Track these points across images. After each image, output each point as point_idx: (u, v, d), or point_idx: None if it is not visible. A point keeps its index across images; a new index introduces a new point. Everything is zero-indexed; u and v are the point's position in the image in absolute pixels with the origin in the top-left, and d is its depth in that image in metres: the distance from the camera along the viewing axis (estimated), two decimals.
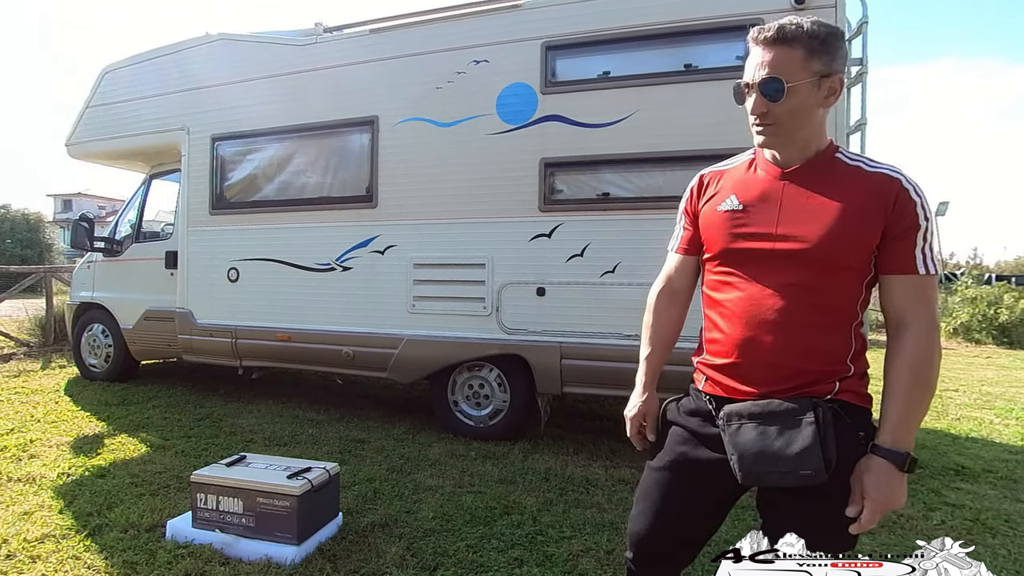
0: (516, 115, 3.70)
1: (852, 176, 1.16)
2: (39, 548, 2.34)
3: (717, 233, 1.25)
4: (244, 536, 2.32)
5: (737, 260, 1.22)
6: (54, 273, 8.24)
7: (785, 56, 1.12)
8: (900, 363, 1.15)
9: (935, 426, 4.49)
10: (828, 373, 1.16)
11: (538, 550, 2.36)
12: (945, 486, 3.20)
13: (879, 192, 1.12)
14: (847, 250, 1.13)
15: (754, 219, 1.20)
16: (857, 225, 1.12)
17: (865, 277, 1.17)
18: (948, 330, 10.50)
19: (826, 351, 1.16)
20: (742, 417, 1.15)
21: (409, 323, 3.97)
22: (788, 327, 1.14)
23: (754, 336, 1.17)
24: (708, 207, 1.29)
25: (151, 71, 4.96)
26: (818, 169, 1.19)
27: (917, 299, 1.13)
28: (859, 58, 3.40)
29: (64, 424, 4.09)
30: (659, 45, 3.50)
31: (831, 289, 1.15)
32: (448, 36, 3.88)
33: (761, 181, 1.23)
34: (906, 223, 1.11)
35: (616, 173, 3.54)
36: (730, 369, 1.20)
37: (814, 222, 1.14)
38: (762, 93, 1.14)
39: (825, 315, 1.15)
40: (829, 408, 1.12)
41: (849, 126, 3.42)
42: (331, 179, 4.33)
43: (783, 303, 1.15)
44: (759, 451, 1.11)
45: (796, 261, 1.15)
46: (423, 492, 2.96)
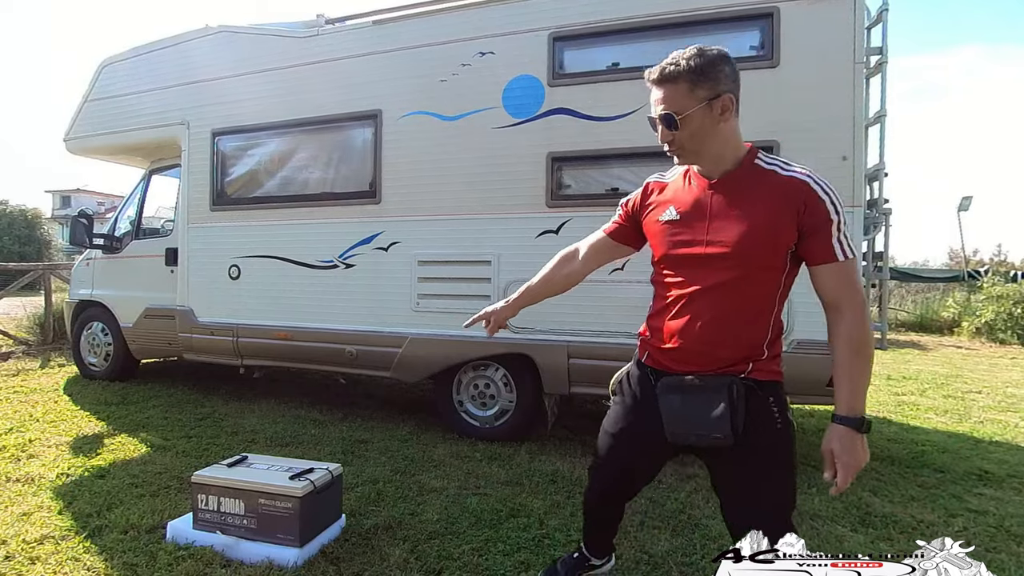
0: (523, 108, 3.70)
1: (768, 181, 1.40)
2: (38, 549, 2.37)
3: (659, 241, 1.54)
4: (245, 538, 2.34)
5: (675, 263, 1.49)
6: (53, 270, 8.34)
7: (672, 92, 1.39)
8: (842, 344, 1.37)
9: (957, 429, 4.45)
10: (746, 357, 1.43)
11: (545, 554, 2.37)
12: (967, 491, 3.18)
13: (790, 195, 1.36)
14: (764, 253, 1.38)
15: (688, 228, 1.46)
16: (771, 230, 1.37)
17: (783, 273, 1.42)
18: (971, 329, 10.40)
19: (748, 339, 1.44)
20: (673, 389, 1.47)
21: (413, 321, 3.99)
22: (717, 320, 1.42)
23: (689, 327, 1.45)
24: (650, 216, 1.57)
25: (150, 64, 4.99)
26: (739, 177, 1.44)
27: (845, 283, 1.36)
28: (879, 47, 3.37)
29: (63, 424, 4.14)
30: (670, 35, 3.48)
31: (753, 286, 1.41)
32: (453, 27, 3.89)
33: (694, 192, 1.49)
34: (819, 219, 1.35)
35: (626, 167, 3.53)
36: (668, 352, 1.50)
37: (736, 229, 1.38)
38: (663, 123, 1.42)
39: (749, 309, 1.42)
40: (743, 384, 1.41)
41: (868, 118, 3.40)
42: (334, 174, 4.35)
43: (713, 299, 1.42)
44: (683, 416, 1.44)
45: (723, 264, 1.40)
46: (427, 494, 2.97)
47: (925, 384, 6.16)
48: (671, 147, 1.46)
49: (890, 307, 11.61)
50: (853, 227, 3.15)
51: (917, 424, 4.60)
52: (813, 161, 3.15)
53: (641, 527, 2.62)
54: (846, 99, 3.13)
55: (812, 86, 3.19)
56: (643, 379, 1.59)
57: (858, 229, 3.16)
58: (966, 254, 13.72)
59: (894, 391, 5.80)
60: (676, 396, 1.46)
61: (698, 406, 1.42)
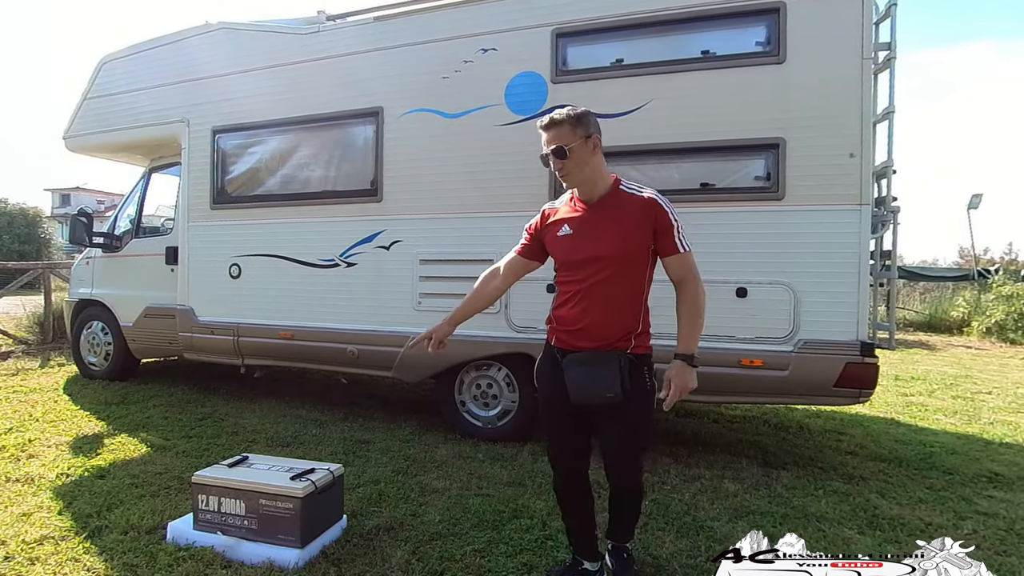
0: (525, 105, 3.70)
1: (630, 201, 1.94)
2: (38, 550, 2.38)
3: (559, 251, 2.02)
4: (246, 539, 2.35)
5: (572, 267, 1.98)
6: (52, 269, 8.37)
7: (559, 133, 1.90)
8: (688, 308, 1.93)
9: (966, 431, 4.44)
10: (628, 334, 1.93)
11: (548, 555, 2.37)
12: (977, 494, 3.17)
13: (645, 210, 1.91)
14: (634, 252, 1.92)
15: (579, 239, 1.96)
16: (636, 236, 1.91)
17: (648, 267, 1.96)
18: (981, 329, 10.36)
19: (628, 319, 1.94)
20: (576, 363, 1.94)
21: (415, 320, 3.99)
22: (606, 306, 1.92)
23: (585, 313, 1.93)
24: (550, 234, 2.04)
25: (150, 61, 5.01)
26: (609, 199, 1.96)
27: (687, 268, 1.94)
28: (887, 42, 3.35)
29: (63, 423, 4.16)
30: (675, 31, 3.48)
31: (629, 279, 1.93)
32: (455, 23, 3.89)
33: (579, 212, 1.99)
34: (665, 224, 1.91)
35: (629, 165, 3.52)
36: (571, 332, 1.97)
37: (612, 238, 1.91)
38: (555, 155, 1.91)
39: (627, 296, 1.94)
40: (627, 357, 1.91)
41: (876, 115, 3.39)
42: (335, 172, 4.36)
43: (602, 291, 1.92)
44: (583, 382, 1.90)
45: (606, 264, 1.91)
46: (429, 495, 2.98)
47: (934, 385, 6.14)
48: (561, 173, 1.94)
49: (898, 307, 11.58)
50: (861, 225, 3.15)
51: (925, 425, 4.59)
52: (820, 159, 3.20)
53: (645, 529, 2.62)
54: (854, 95, 3.12)
55: (819, 82, 3.19)
56: (553, 358, 2.03)
57: (865, 228, 3.14)
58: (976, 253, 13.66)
59: (902, 392, 5.78)
60: (579, 368, 1.92)
61: (596, 374, 1.88)
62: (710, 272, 3.35)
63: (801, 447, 3.96)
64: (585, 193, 1.98)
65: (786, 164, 3.24)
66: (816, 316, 3.22)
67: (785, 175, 3.24)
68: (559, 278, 2.04)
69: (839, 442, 4.07)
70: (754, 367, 3.28)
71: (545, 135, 1.93)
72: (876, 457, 3.74)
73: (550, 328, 2.07)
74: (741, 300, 3.31)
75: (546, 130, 1.93)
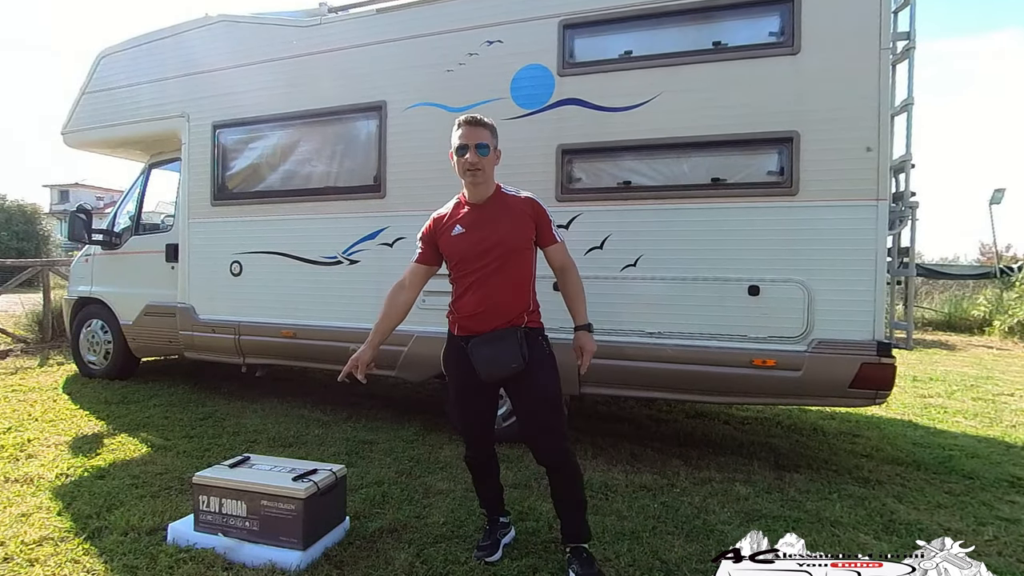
0: (532, 99, 3.70)
1: (511, 201, 2.28)
2: (37, 551, 2.41)
3: (454, 249, 2.26)
4: (248, 540, 2.37)
5: (467, 260, 2.23)
6: (51, 266, 8.45)
7: (483, 133, 2.20)
8: (573, 287, 2.32)
9: (987, 433, 4.41)
10: (522, 312, 2.24)
11: (553, 559, 2.38)
12: (998, 499, 3.15)
13: (526, 206, 2.26)
14: (519, 243, 2.23)
15: (471, 235, 2.23)
16: (521, 226, 2.24)
17: (532, 253, 2.30)
18: (1003, 329, 10.26)
19: (522, 299, 2.25)
20: (481, 343, 2.19)
21: (419, 319, 3.96)
22: (500, 290, 2.20)
23: (483, 299, 2.20)
24: (444, 235, 2.29)
25: (149, 55, 5.04)
26: (494, 200, 2.27)
27: (565, 255, 2.33)
28: (906, 32, 3.33)
29: (62, 423, 4.20)
30: (685, 21, 3.46)
31: (519, 264, 2.24)
32: (459, 15, 3.89)
33: (469, 213, 2.27)
34: (544, 219, 2.27)
35: (638, 160, 3.52)
36: (473, 318, 2.22)
37: (501, 230, 2.21)
38: (477, 150, 2.16)
39: (519, 279, 2.25)
40: (523, 331, 2.21)
41: (894, 107, 3.36)
42: (337, 168, 4.38)
43: (496, 277, 2.20)
44: (491, 359, 2.17)
45: (498, 252, 2.19)
46: (434, 496, 2.99)
47: (953, 386, 6.09)
48: (474, 168, 2.17)
49: (916, 305, 11.49)
50: (878, 222, 3.12)
51: (944, 428, 4.56)
52: (836, 153, 3.18)
53: (654, 532, 2.62)
54: (871, 87, 3.10)
55: (835, 74, 3.16)
56: (457, 345, 2.28)
57: (883, 224, 3.12)
58: (998, 249, 13.54)
59: (920, 393, 5.74)
60: (484, 347, 2.18)
61: (499, 349, 2.16)
62: (722, 269, 3.38)
63: (815, 449, 3.94)
64: (479, 195, 2.24)
65: (800, 158, 3.22)
66: (831, 315, 3.20)
67: (799, 170, 3.22)
68: (455, 275, 2.29)
69: (854, 445, 4.05)
70: (766, 367, 3.27)
71: (467, 129, 2.19)
72: (893, 460, 3.72)
73: (451, 319, 2.32)
74: (753, 298, 3.30)
75: (472, 126, 2.19)
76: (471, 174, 2.19)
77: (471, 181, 2.22)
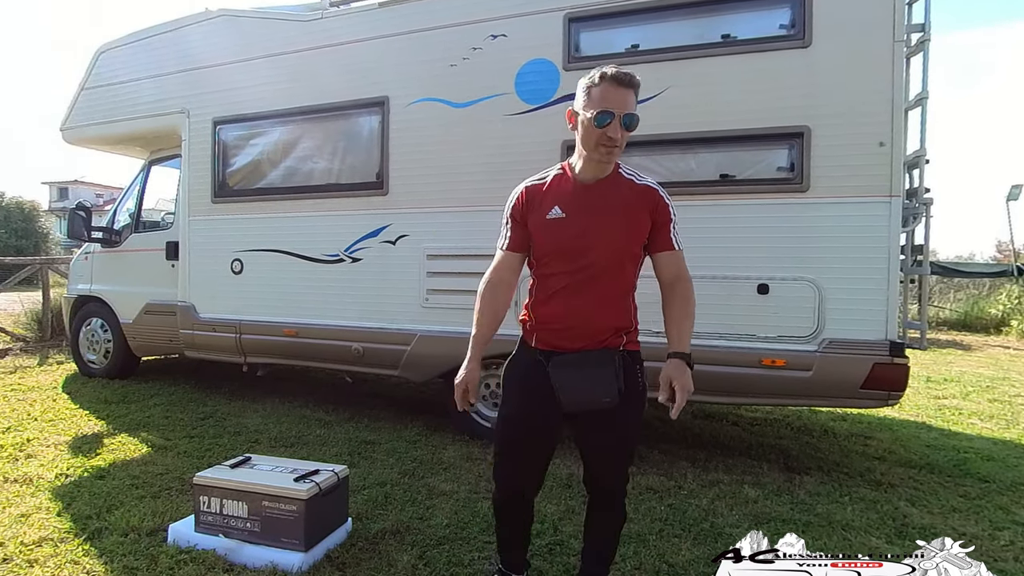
0: (536, 94, 3.70)
1: (628, 187, 1.79)
2: (36, 552, 2.43)
3: (547, 237, 1.80)
4: (249, 541, 2.38)
5: (563, 256, 1.78)
6: (51, 264, 8.51)
7: (631, 98, 1.67)
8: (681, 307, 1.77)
9: (1004, 436, 4.38)
10: (620, 330, 1.79)
11: (558, 561, 2.38)
12: (1015, 503, 3.13)
13: (645, 198, 1.77)
14: (632, 241, 1.78)
15: (573, 223, 1.76)
16: (637, 223, 1.76)
17: (640, 260, 1.83)
18: (1021, 329, 10.19)
19: (620, 315, 1.80)
20: (568, 364, 1.76)
21: (422, 318, 4.01)
22: (598, 301, 1.76)
23: (576, 309, 1.76)
24: (537, 215, 1.81)
25: (149, 50, 5.06)
26: (608, 182, 1.79)
27: (681, 265, 1.81)
28: (920, 24, 3.30)
29: (62, 423, 4.23)
30: (693, 14, 3.45)
31: (622, 271, 1.78)
32: (463, 9, 3.89)
33: (575, 193, 1.79)
34: (664, 217, 1.77)
35: (645, 156, 3.51)
36: (560, 332, 1.79)
37: (612, 224, 1.75)
38: (623, 125, 1.66)
39: (619, 289, 1.80)
40: (620, 355, 1.77)
41: (908, 101, 3.34)
42: (339, 164, 4.39)
43: (596, 284, 1.76)
44: (578, 386, 1.74)
45: (602, 252, 1.74)
46: (437, 497, 3.00)
47: (968, 387, 6.06)
48: (611, 145, 1.68)
49: (931, 304, 11.43)
50: (891, 218, 3.11)
51: (959, 430, 4.53)
52: (848, 148, 3.16)
53: (661, 535, 2.62)
54: (884, 81, 3.08)
55: (847, 67, 3.15)
56: (534, 362, 1.83)
57: (896, 220, 3.11)
58: (1015, 247, 13.43)
59: (934, 394, 5.71)
60: (571, 370, 1.76)
61: (591, 377, 1.74)
62: (730, 267, 3.37)
63: (825, 451, 3.93)
64: (595, 172, 1.77)
65: (811, 154, 3.20)
66: (842, 314, 3.19)
67: (810, 165, 3.21)
68: (541, 270, 1.84)
69: (866, 447, 4.03)
70: (776, 367, 3.26)
71: (615, 91, 1.64)
72: (906, 463, 3.71)
73: (528, 326, 1.87)
74: (763, 297, 3.29)
75: (622, 86, 1.65)
76: (605, 150, 1.69)
77: (600, 159, 1.73)
